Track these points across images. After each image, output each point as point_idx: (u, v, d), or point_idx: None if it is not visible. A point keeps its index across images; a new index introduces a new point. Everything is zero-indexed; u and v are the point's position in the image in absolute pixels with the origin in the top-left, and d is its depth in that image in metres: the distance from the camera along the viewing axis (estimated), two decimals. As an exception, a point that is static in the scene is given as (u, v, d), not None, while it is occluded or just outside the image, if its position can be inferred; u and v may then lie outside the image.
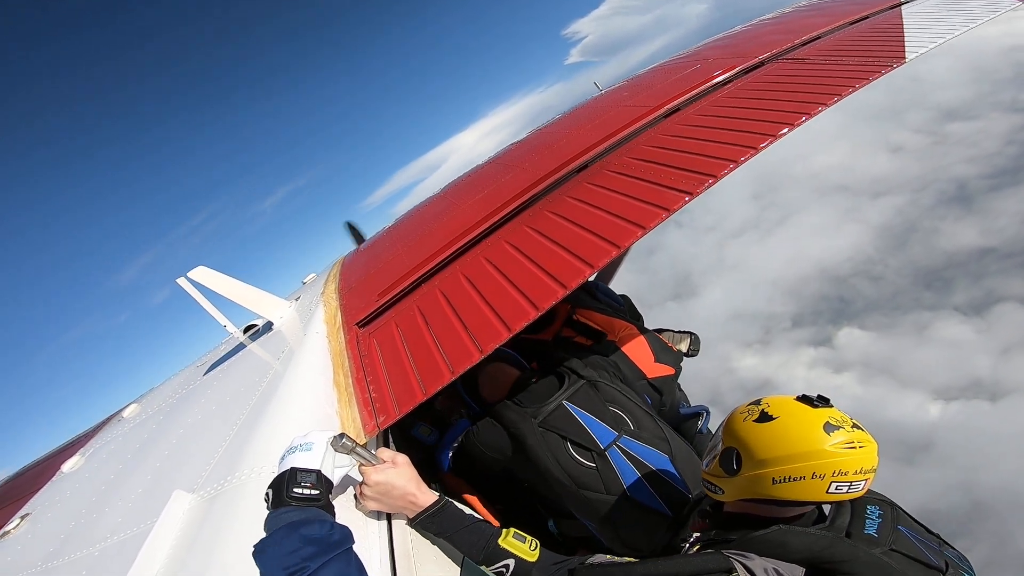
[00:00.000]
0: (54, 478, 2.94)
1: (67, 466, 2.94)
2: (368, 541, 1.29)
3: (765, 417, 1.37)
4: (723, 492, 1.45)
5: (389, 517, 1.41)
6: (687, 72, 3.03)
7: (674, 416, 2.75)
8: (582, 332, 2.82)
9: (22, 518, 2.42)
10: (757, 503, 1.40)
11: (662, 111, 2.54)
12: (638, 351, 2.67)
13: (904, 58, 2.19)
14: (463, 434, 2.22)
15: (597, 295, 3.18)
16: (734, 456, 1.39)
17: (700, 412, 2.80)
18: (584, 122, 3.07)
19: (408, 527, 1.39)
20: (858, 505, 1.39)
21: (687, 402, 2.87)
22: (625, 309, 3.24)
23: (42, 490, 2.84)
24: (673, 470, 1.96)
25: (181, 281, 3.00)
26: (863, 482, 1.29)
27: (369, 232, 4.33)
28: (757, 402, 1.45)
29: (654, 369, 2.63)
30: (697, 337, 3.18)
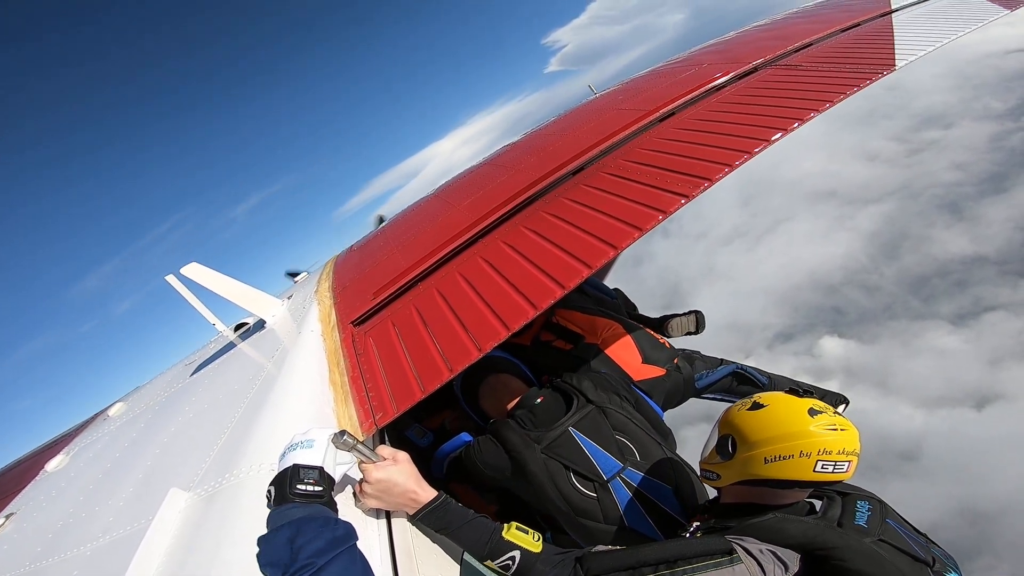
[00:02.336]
0: (38, 477, 2.89)
1: (51, 465, 2.89)
2: (368, 539, 1.28)
3: (757, 406, 1.55)
4: (720, 477, 1.59)
5: (389, 515, 1.40)
6: (682, 77, 3.07)
7: (691, 389, 2.68)
8: (561, 336, 2.71)
9: (6, 517, 2.37)
10: (752, 487, 1.52)
11: (657, 115, 2.56)
12: (624, 353, 2.58)
13: (894, 65, 2.23)
14: (462, 448, 2.16)
15: (585, 288, 3.08)
16: (729, 442, 1.56)
17: (732, 371, 2.71)
18: (580, 124, 3.09)
19: (409, 524, 1.39)
20: (849, 500, 1.49)
21: (711, 368, 2.77)
22: (619, 302, 3.16)
23: (26, 489, 2.79)
24: (675, 500, 1.94)
25: (170, 278, 2.97)
26: (847, 463, 1.42)
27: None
28: (749, 396, 1.63)
29: (641, 371, 2.54)
30: (701, 314, 3.16)
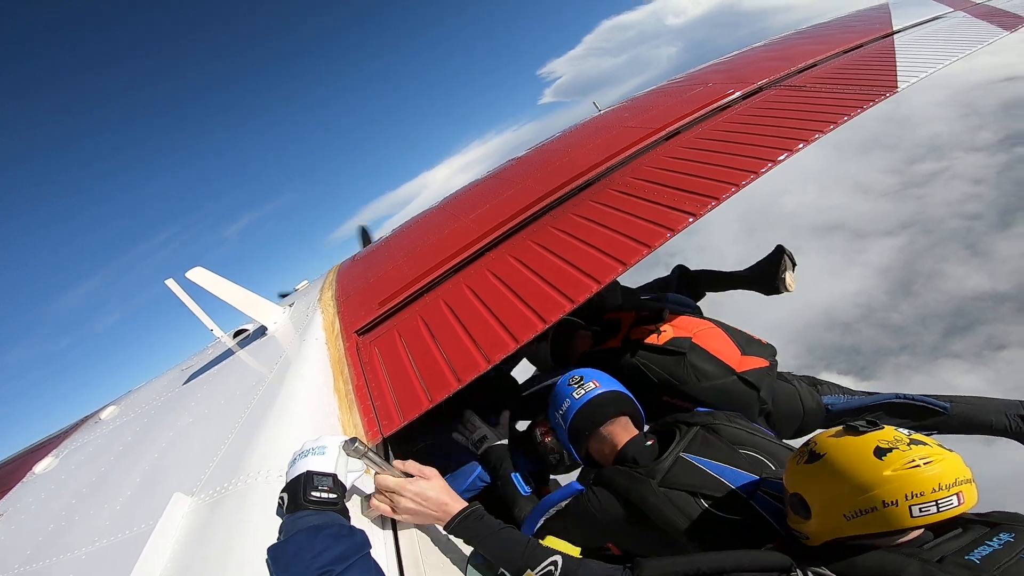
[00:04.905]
0: (25, 479, 2.84)
1: (40, 467, 2.84)
2: (375, 549, 1.28)
3: (813, 456, 1.32)
4: (810, 538, 1.36)
5: (395, 525, 1.39)
6: (688, 95, 3.11)
7: (820, 416, 2.39)
8: (654, 331, 2.45)
9: (-7, 519, 2.33)
10: (851, 539, 1.30)
11: (664, 133, 2.60)
12: (720, 345, 2.37)
13: (896, 87, 2.27)
14: (570, 498, 1.83)
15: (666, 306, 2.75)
16: (800, 501, 1.33)
17: (886, 401, 2.32)
18: (586, 141, 3.12)
19: (416, 535, 1.39)
20: (993, 531, 1.26)
21: (840, 394, 2.46)
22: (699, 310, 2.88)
23: (12, 491, 2.74)
24: None
25: (170, 283, 2.96)
26: (952, 497, 1.18)
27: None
28: (807, 443, 1.38)
29: (743, 363, 2.31)
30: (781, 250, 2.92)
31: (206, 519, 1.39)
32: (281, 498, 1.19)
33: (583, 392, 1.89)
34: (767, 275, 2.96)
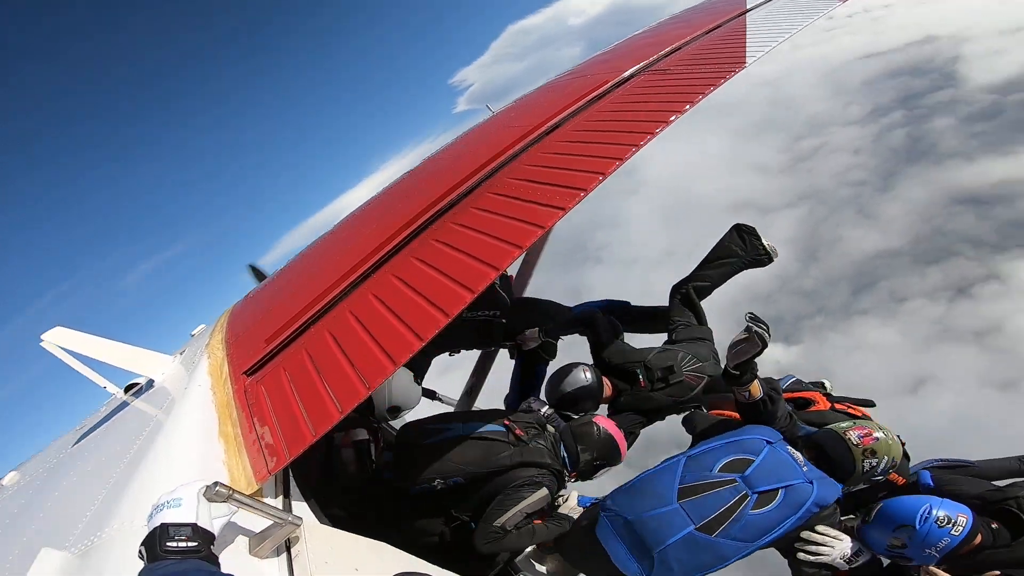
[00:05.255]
0: None
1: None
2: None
3: None
4: None
5: (290, 562, 1.37)
6: (569, 88, 3.17)
7: None
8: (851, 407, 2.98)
9: None
10: None
11: (543, 129, 2.63)
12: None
13: (744, 63, 2.39)
14: None
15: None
16: None
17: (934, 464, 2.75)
18: (473, 145, 3.13)
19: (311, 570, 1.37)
20: None
21: None
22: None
23: None
24: None
25: (46, 343, 2.76)
26: None
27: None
28: None
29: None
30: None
31: (74, 572, 1.37)
32: (140, 551, 1.14)
33: (961, 529, 2.10)
34: (745, 254, 3.53)
